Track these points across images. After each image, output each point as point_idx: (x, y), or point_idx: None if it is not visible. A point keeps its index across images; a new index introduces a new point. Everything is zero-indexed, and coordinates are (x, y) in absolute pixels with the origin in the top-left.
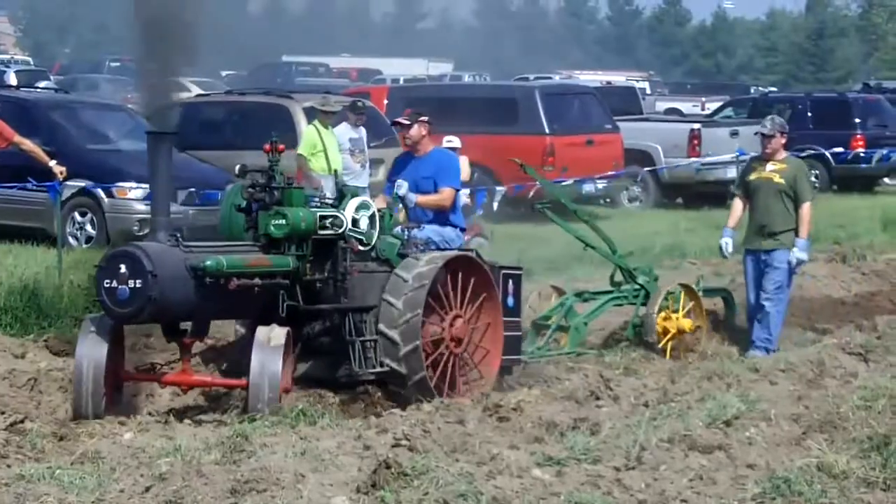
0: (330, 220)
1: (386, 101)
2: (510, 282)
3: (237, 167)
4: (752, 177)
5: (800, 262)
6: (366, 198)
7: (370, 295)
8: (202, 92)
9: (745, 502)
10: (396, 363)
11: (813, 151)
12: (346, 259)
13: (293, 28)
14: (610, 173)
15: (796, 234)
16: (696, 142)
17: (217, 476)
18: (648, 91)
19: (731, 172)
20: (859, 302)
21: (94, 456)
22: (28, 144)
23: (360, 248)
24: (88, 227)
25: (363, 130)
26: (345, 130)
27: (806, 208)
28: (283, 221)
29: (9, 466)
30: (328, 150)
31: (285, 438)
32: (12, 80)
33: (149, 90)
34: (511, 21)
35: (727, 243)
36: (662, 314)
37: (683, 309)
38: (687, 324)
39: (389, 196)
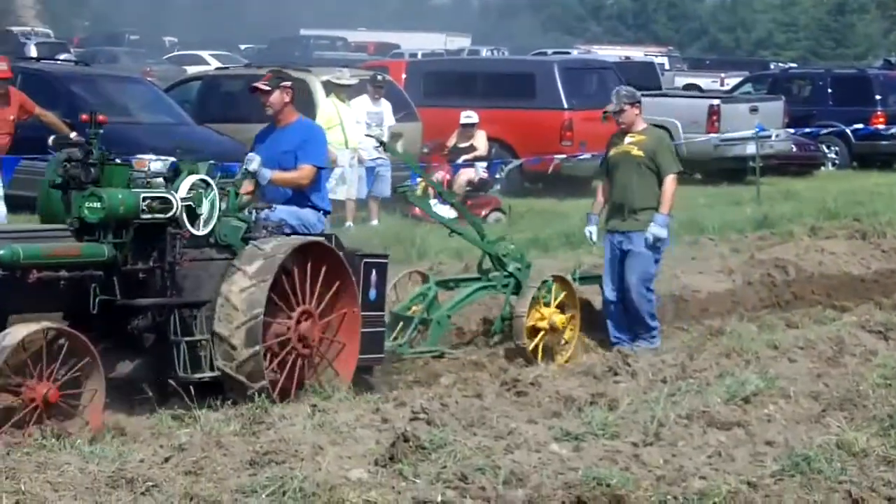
0: (157, 201)
1: (404, 76)
2: (373, 272)
3: (50, 139)
4: (611, 152)
5: (658, 240)
6: (203, 175)
7: (206, 287)
8: (221, 65)
9: (763, 479)
10: (234, 370)
11: (833, 128)
12: (176, 246)
13: (311, 1)
14: None
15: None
16: (715, 118)
17: (236, 447)
18: (667, 66)
19: (751, 148)
20: (879, 279)
21: (114, 426)
22: (49, 116)
23: (196, 232)
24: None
25: (386, 104)
26: (364, 104)
27: (669, 181)
28: (98, 204)
29: (30, 436)
30: (345, 123)
31: (303, 411)
32: (33, 52)
33: None
34: None
35: (591, 232)
36: (533, 309)
37: (555, 301)
38: (559, 319)
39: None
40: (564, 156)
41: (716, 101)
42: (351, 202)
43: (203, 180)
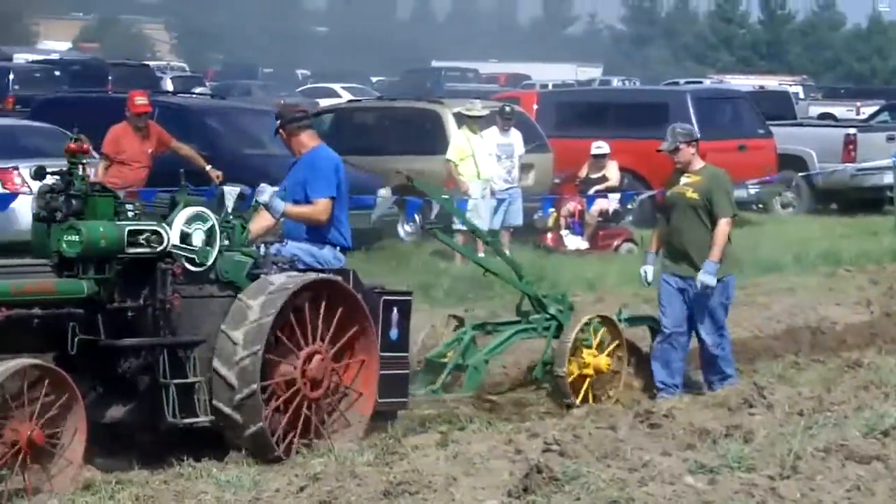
0: (145, 235)
1: (535, 107)
2: (394, 310)
3: (33, 168)
4: (668, 191)
5: (705, 287)
6: (201, 208)
7: (204, 326)
8: (353, 98)
9: None
10: (231, 408)
11: None
12: (167, 283)
13: (441, 34)
14: (763, 179)
15: None
16: (851, 147)
17: (370, 477)
18: (801, 95)
19: (888, 178)
20: None
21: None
22: (185, 149)
23: (191, 268)
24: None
25: (517, 135)
26: (494, 135)
27: (721, 225)
28: (77, 237)
29: (169, 465)
30: (476, 155)
31: (437, 442)
32: (169, 86)
33: None
34: (660, 26)
35: (646, 272)
36: (578, 351)
37: (601, 344)
38: (603, 362)
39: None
40: None
41: (852, 131)
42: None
43: (201, 213)
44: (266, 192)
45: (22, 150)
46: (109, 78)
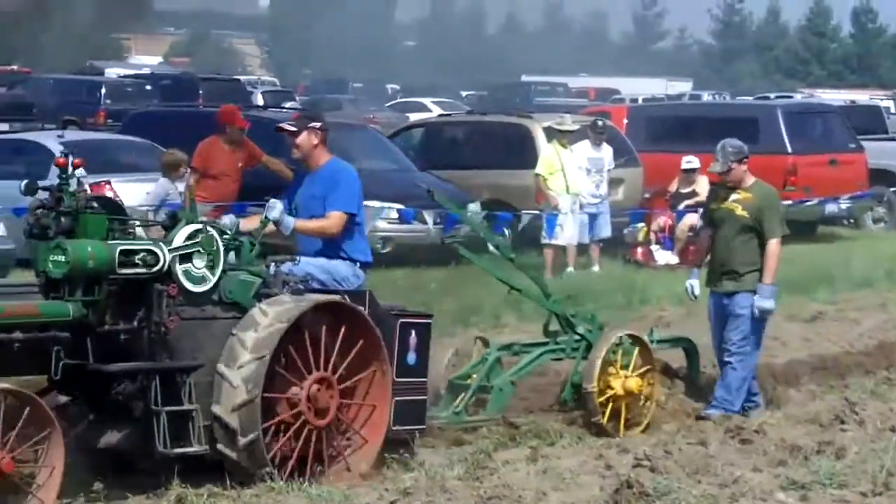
0: (140, 255)
1: (626, 121)
2: (412, 333)
3: (23, 184)
4: (715, 205)
5: (764, 312)
6: (202, 226)
7: (205, 350)
8: (443, 112)
9: None
10: (236, 455)
11: None
12: (163, 305)
13: (531, 48)
14: (854, 193)
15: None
16: None
17: (460, 492)
18: (893, 110)
19: None
20: None
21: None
22: (275, 163)
23: (192, 288)
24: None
25: (607, 149)
26: (584, 150)
27: (772, 246)
28: (63, 257)
29: (261, 480)
30: (566, 169)
31: (527, 457)
32: (259, 100)
33: None
34: (749, 40)
35: (692, 286)
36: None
37: (632, 364)
38: (634, 383)
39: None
40: (790, 201)
41: None
42: (572, 247)
43: (203, 231)
44: (276, 207)
45: (113, 165)
46: (200, 92)
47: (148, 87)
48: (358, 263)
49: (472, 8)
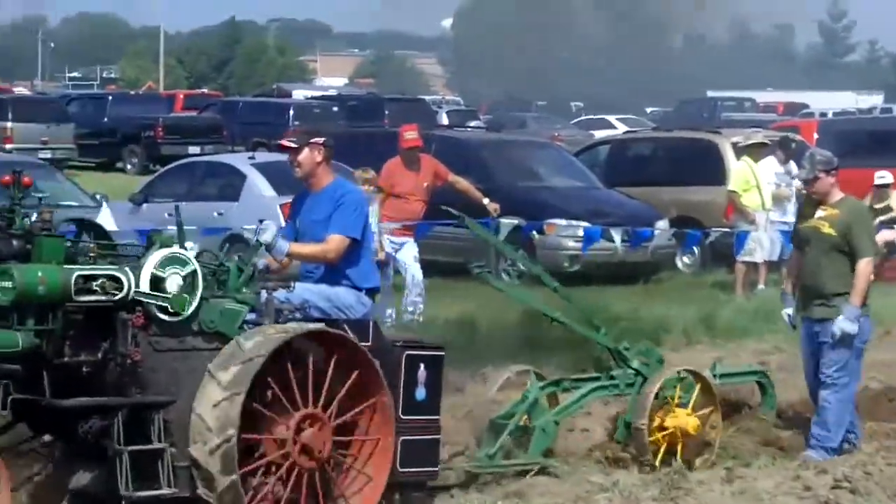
0: (99, 281)
1: (816, 136)
2: (420, 366)
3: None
4: (802, 225)
5: (846, 335)
6: (176, 250)
7: (185, 383)
8: (628, 129)
9: None
10: (214, 497)
11: None
12: (128, 335)
13: (716, 63)
14: None
15: None
16: None
17: None
18: None
19: None
20: None
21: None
22: (462, 183)
23: (164, 317)
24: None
25: (793, 165)
26: (772, 165)
27: (862, 265)
28: (10, 283)
29: None
30: (760, 185)
31: (722, 478)
32: (444, 120)
33: None
34: None
35: (789, 314)
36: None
37: (691, 403)
38: (691, 423)
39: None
40: None
41: None
42: (764, 265)
43: (178, 256)
44: (268, 230)
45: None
46: (386, 112)
47: (335, 109)
48: (363, 290)
49: (655, 24)
